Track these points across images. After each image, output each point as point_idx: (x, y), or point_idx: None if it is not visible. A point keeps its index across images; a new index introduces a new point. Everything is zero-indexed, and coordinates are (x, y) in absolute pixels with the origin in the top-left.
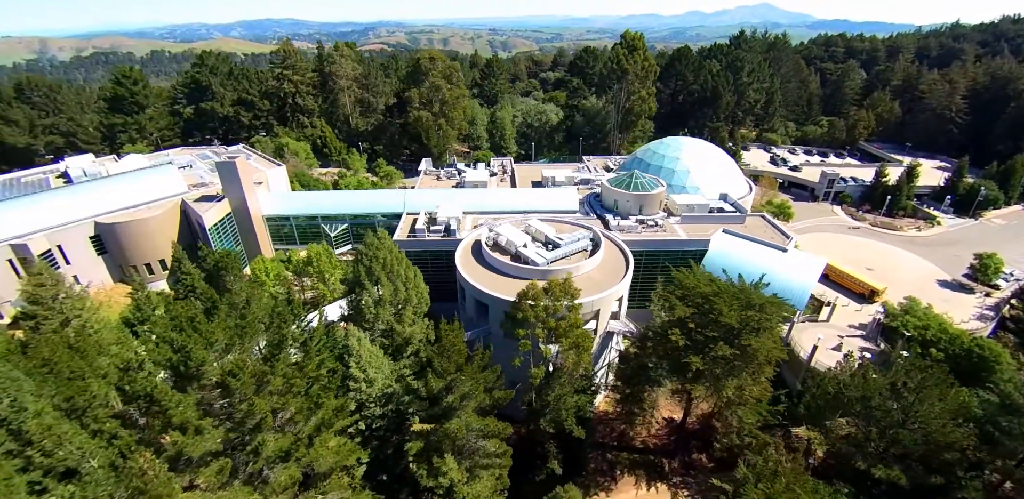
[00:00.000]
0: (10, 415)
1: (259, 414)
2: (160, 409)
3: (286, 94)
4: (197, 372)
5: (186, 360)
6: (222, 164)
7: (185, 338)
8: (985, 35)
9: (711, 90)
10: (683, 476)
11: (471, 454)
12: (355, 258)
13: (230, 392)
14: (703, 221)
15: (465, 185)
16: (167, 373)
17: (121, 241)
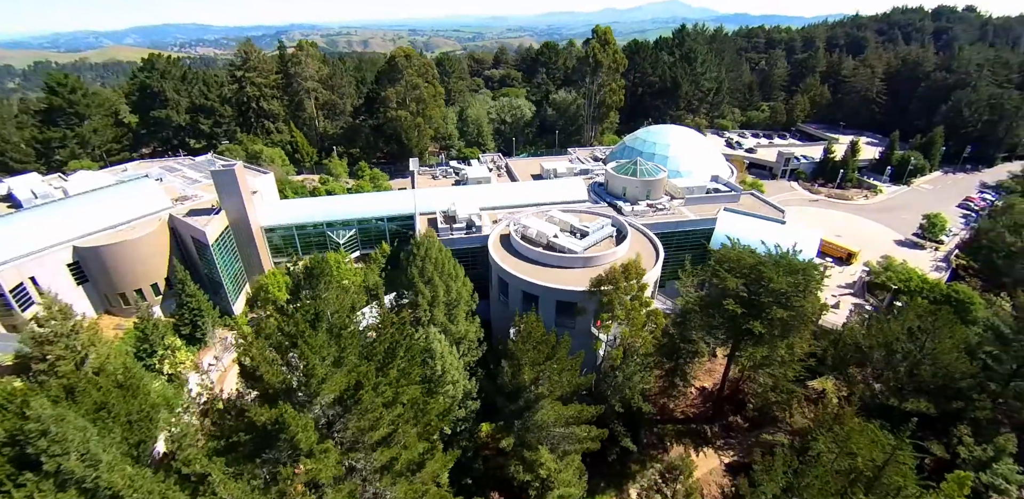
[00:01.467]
0: (83, 471)
1: (383, 427)
2: (288, 437)
3: (249, 98)
4: (317, 390)
5: (308, 378)
6: (219, 173)
7: (308, 354)
8: (881, 24)
9: (671, 81)
10: (724, 439)
11: (560, 442)
12: (406, 258)
13: (358, 407)
14: (703, 202)
15: (468, 182)
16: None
17: (106, 266)
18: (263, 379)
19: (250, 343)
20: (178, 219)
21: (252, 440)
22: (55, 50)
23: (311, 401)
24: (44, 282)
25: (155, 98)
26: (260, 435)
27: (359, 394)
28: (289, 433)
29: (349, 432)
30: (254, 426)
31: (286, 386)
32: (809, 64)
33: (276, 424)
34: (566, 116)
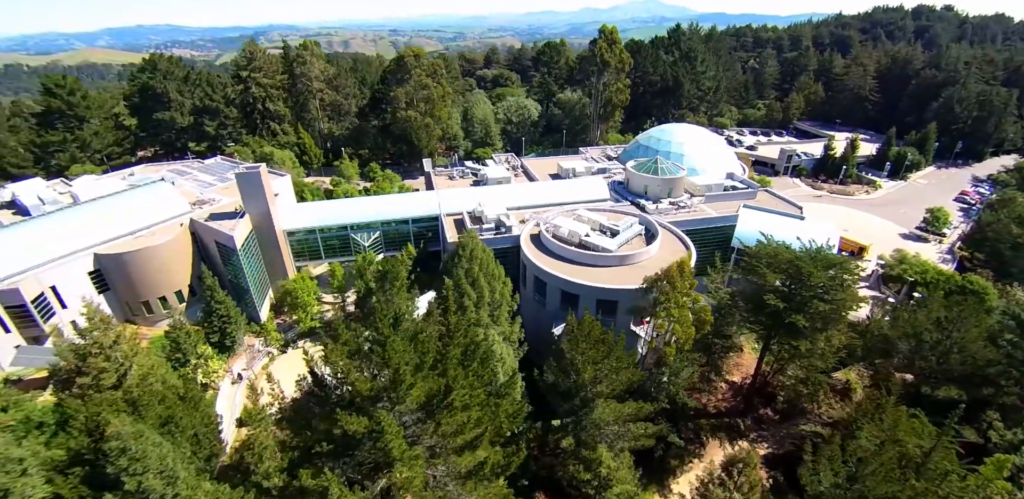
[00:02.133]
0: (162, 489)
1: (468, 432)
2: (383, 445)
3: (255, 99)
4: (404, 396)
5: (396, 384)
6: (244, 176)
7: (396, 360)
8: (864, 23)
9: (672, 80)
10: (757, 432)
11: (615, 440)
12: (449, 259)
13: (446, 412)
14: (722, 199)
15: (488, 182)
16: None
17: (129, 274)
18: (353, 386)
19: (331, 350)
20: (201, 223)
21: (333, 449)
22: (24, 52)
23: (394, 407)
24: (65, 291)
25: (157, 100)
26: (341, 444)
27: (450, 398)
28: (384, 440)
29: (430, 438)
30: (331, 434)
31: (374, 393)
32: (800, 62)
33: (372, 433)
34: (572, 115)
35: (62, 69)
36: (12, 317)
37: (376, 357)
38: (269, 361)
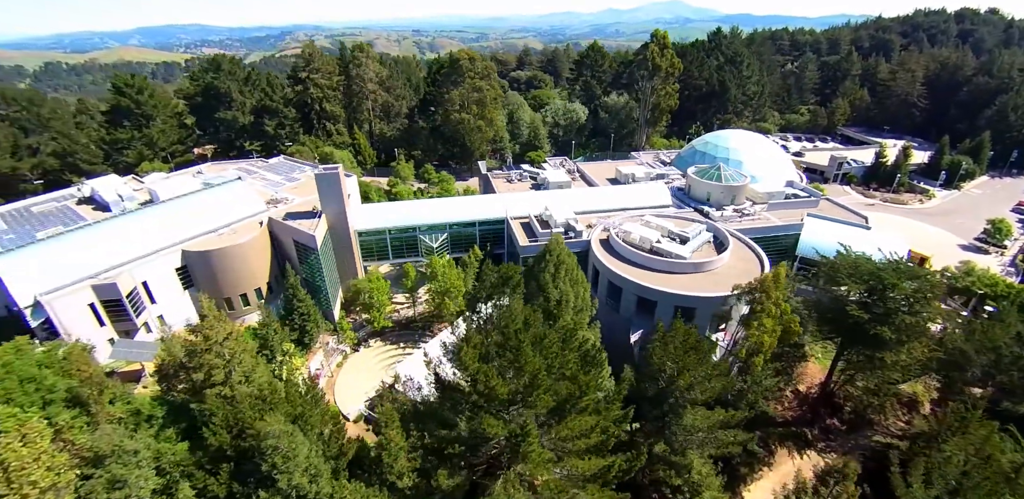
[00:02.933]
0: (307, 487)
1: (595, 435)
2: (525, 450)
3: (313, 100)
4: (537, 399)
5: (531, 389)
6: (323, 176)
7: (531, 365)
8: (904, 27)
9: (718, 85)
10: (824, 442)
11: (703, 447)
12: (536, 263)
13: (576, 415)
14: (785, 207)
15: (549, 186)
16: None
17: (215, 271)
18: (491, 390)
19: (465, 354)
20: (280, 222)
21: (463, 450)
22: (61, 51)
23: (526, 410)
24: (155, 287)
25: (220, 99)
26: (470, 445)
27: (582, 401)
28: (527, 444)
29: (551, 441)
30: (462, 436)
31: (509, 397)
32: (843, 67)
33: (514, 436)
34: (618, 119)
35: (98, 67)
36: (107, 311)
37: (505, 362)
38: (343, 359)
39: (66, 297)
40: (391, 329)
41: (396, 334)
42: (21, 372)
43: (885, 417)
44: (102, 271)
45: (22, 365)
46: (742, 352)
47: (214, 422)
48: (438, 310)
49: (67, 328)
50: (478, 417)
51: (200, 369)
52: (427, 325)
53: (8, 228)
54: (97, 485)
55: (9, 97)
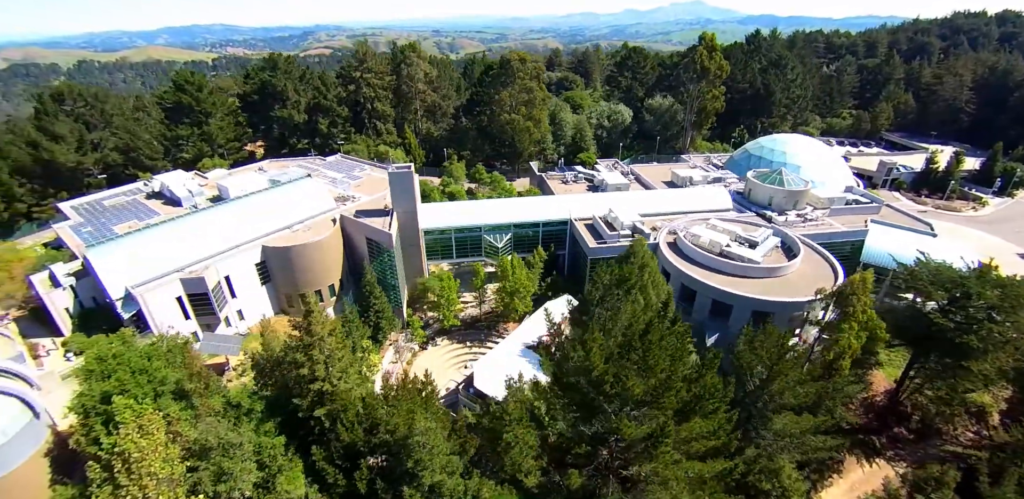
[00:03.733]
0: (447, 482)
1: (721, 437)
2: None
3: (365, 99)
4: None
5: (665, 390)
6: (397, 175)
7: (661, 366)
8: (944, 29)
9: (763, 87)
10: (893, 450)
11: (792, 452)
12: (616, 264)
13: (702, 416)
14: (847, 213)
15: (607, 188)
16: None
17: (293, 266)
18: (629, 390)
19: (595, 354)
20: (353, 220)
21: (588, 450)
22: (91, 49)
23: (653, 411)
24: (236, 282)
25: (275, 97)
26: (593, 445)
27: (709, 403)
28: (664, 445)
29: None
30: (584, 435)
31: (642, 398)
32: (884, 71)
33: (651, 437)
34: (662, 121)
35: (129, 66)
36: (192, 305)
37: (631, 363)
38: (412, 357)
39: (157, 290)
40: (457, 328)
41: (462, 333)
42: (132, 363)
43: (953, 427)
44: (188, 265)
45: (132, 356)
46: (830, 355)
47: (346, 418)
48: (505, 309)
49: (157, 321)
50: (604, 417)
51: (304, 364)
52: (492, 325)
53: (85, 221)
54: (204, 477)
55: (75, 93)
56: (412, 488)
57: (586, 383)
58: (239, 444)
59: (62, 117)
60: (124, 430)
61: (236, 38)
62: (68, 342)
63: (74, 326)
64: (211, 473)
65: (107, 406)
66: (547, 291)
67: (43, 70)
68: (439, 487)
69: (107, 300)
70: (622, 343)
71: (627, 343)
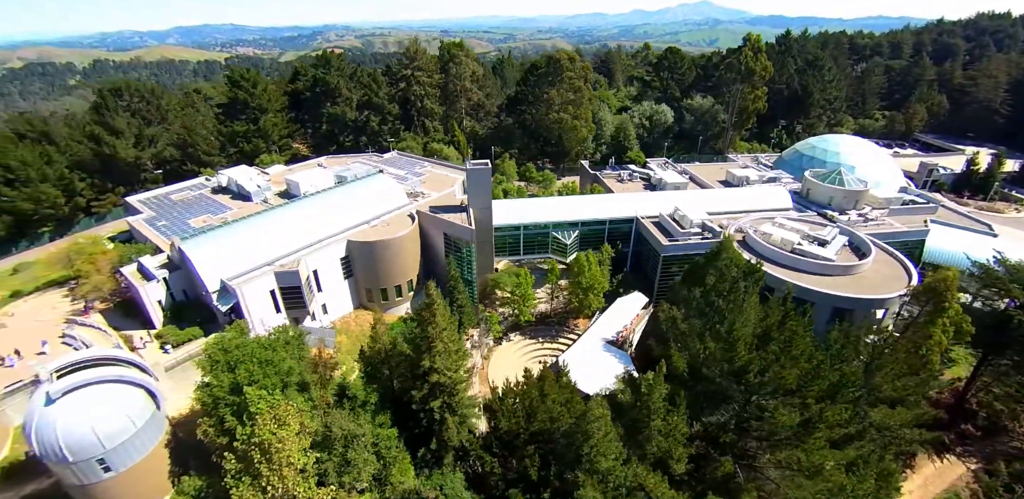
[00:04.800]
0: (616, 470)
1: (855, 425)
2: (817, 436)
3: (416, 97)
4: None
5: (811, 380)
6: (474, 171)
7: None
8: (968, 31)
9: (801, 88)
10: (961, 446)
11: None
12: (708, 262)
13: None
14: (905, 213)
15: (666, 187)
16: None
17: (376, 261)
18: (784, 379)
19: (740, 344)
20: (431, 215)
21: (734, 439)
22: (104, 49)
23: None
24: (322, 276)
25: (328, 94)
26: (739, 433)
27: (849, 392)
28: (818, 431)
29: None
30: (729, 424)
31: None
32: (913, 72)
33: (804, 424)
34: (703, 121)
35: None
36: (284, 298)
37: (772, 354)
38: (488, 352)
39: (252, 283)
40: (528, 324)
41: (533, 329)
42: (258, 355)
43: (1020, 424)
44: (278, 258)
45: (256, 348)
46: (922, 349)
47: (504, 407)
48: (580, 305)
49: (252, 314)
50: (741, 406)
51: (424, 357)
52: (562, 320)
53: (157, 215)
54: (329, 467)
55: (132, 88)
56: (585, 473)
57: (724, 373)
58: (361, 435)
59: (121, 112)
60: (261, 420)
61: (246, 38)
62: (163, 334)
63: (165, 319)
64: (335, 464)
65: (236, 397)
66: (617, 287)
67: (59, 69)
68: (611, 472)
69: (203, 292)
70: (760, 334)
71: (765, 334)
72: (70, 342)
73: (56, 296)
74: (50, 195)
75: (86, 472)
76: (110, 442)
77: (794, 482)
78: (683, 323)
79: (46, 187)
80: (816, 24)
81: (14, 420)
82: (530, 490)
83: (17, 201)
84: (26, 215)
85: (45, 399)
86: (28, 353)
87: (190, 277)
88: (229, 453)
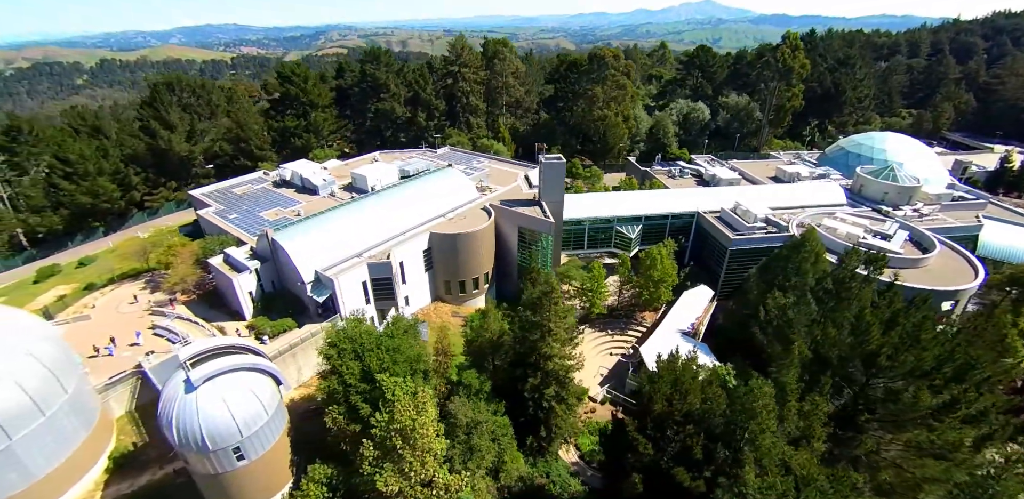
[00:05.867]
0: (776, 441)
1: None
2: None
3: (462, 93)
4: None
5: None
6: (549, 165)
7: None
8: (985, 29)
9: (834, 86)
10: None
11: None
12: (792, 254)
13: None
14: (957, 208)
15: (720, 183)
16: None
17: (457, 254)
18: (921, 362)
19: (873, 328)
20: (506, 209)
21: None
22: (108, 48)
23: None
24: (407, 268)
25: (376, 90)
26: (872, 412)
27: (975, 374)
28: (958, 411)
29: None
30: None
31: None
32: (937, 71)
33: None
34: (738, 119)
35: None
36: (374, 289)
37: (905, 339)
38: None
39: (347, 273)
40: (598, 317)
41: (602, 322)
42: (386, 343)
43: None
44: (365, 250)
45: (382, 337)
46: (1011, 336)
47: (657, 391)
48: (650, 298)
49: (346, 305)
50: (876, 388)
51: (540, 344)
52: (628, 313)
53: (226, 208)
54: (455, 454)
55: (184, 83)
56: (752, 450)
57: (848, 356)
58: (483, 422)
59: (175, 108)
60: (399, 406)
61: (249, 38)
62: (256, 325)
63: (255, 310)
64: (460, 450)
65: (366, 385)
66: (684, 281)
67: (66, 69)
68: (772, 448)
69: (299, 283)
70: (886, 320)
71: (891, 319)
72: (162, 333)
73: (132, 288)
74: (107, 189)
75: (222, 461)
76: (247, 430)
77: (917, 462)
78: (792, 311)
79: (103, 181)
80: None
81: (116, 411)
82: (692, 469)
83: (76, 195)
84: (84, 209)
85: (186, 387)
86: (120, 344)
87: (280, 268)
88: (367, 440)
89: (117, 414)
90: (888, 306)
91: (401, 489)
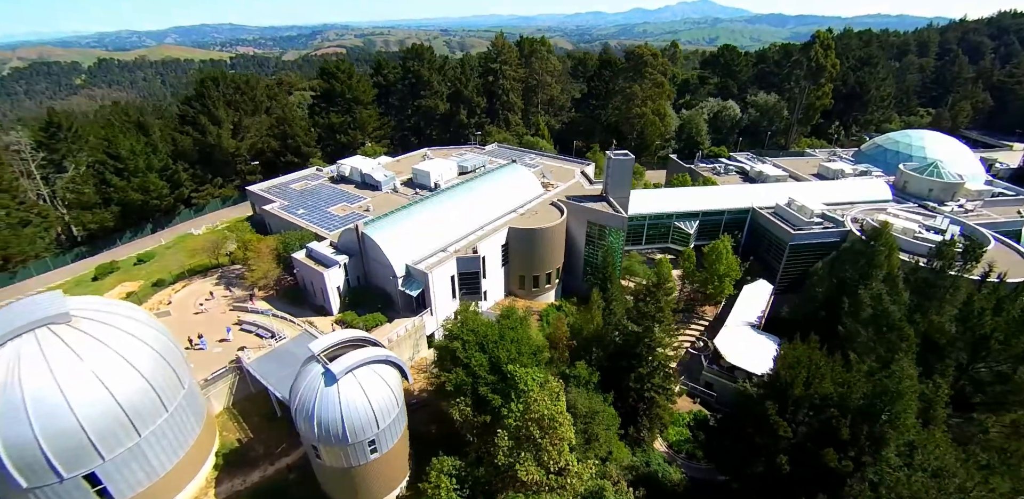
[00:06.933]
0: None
1: None
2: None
3: (503, 90)
4: None
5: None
6: (617, 161)
7: None
8: (991, 29)
9: (859, 86)
10: None
11: None
12: (865, 249)
13: None
14: (999, 204)
15: (767, 180)
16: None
17: (533, 249)
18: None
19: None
20: (578, 205)
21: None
22: (103, 48)
23: None
24: (488, 262)
25: (417, 87)
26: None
27: None
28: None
29: None
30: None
31: None
32: (951, 70)
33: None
34: (768, 117)
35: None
36: (461, 284)
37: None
38: None
39: (438, 267)
40: None
41: None
42: (508, 335)
43: None
44: (449, 244)
45: (503, 329)
46: None
47: (797, 375)
48: (715, 292)
49: (438, 299)
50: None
51: (648, 334)
52: (688, 307)
53: (291, 204)
54: (577, 443)
55: (228, 79)
56: (893, 430)
57: (958, 340)
58: (600, 412)
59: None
60: (533, 396)
61: (245, 37)
62: (346, 320)
63: (342, 305)
64: (580, 441)
65: (493, 376)
66: (745, 275)
67: (64, 69)
68: (912, 428)
69: (391, 277)
70: (993, 306)
71: (998, 305)
72: (249, 329)
73: (204, 284)
74: (157, 186)
75: (357, 454)
76: (383, 421)
77: (1022, 443)
78: (889, 301)
79: (153, 177)
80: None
81: (215, 408)
82: (839, 450)
83: (128, 191)
84: (135, 206)
85: (325, 380)
86: (209, 340)
87: (368, 263)
88: (502, 430)
89: (216, 410)
90: (992, 293)
91: (539, 478)
